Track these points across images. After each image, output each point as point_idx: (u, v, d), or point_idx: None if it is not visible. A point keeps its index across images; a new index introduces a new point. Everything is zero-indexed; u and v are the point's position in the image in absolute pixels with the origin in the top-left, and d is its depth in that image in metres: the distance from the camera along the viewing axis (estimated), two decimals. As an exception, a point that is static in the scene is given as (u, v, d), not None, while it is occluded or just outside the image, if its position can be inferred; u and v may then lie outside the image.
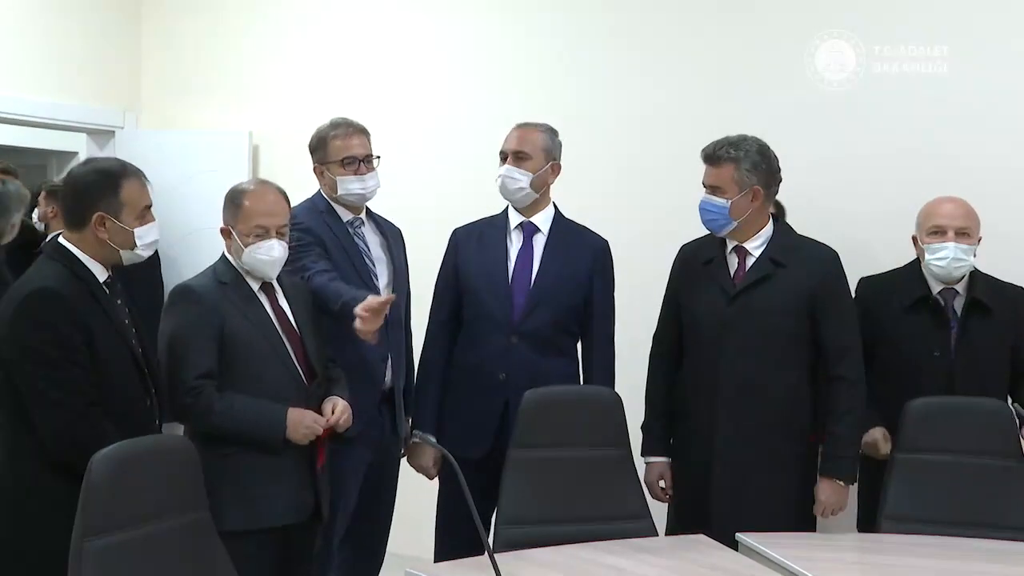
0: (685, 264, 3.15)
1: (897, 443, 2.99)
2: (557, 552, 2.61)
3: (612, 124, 4.34)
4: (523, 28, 4.58)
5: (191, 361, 2.67)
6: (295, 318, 2.86)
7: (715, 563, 2.56)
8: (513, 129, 3.23)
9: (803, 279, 2.97)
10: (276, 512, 2.73)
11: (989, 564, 2.57)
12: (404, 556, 3.18)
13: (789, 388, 2.98)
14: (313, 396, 2.82)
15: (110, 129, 5.38)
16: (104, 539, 2.08)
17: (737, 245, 3.03)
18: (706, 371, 2.99)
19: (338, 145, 3.15)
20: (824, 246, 3.07)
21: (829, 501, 2.97)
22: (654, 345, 3.22)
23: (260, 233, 2.76)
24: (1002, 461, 2.89)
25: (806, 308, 2.96)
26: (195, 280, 2.83)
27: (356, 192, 3.15)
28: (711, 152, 3.00)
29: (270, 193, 2.84)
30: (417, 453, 3.24)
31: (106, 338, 2.49)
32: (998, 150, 3.68)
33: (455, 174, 4.54)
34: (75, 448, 2.37)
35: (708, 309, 3.00)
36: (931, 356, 3.09)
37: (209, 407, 2.65)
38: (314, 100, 4.89)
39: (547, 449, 2.91)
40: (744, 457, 2.95)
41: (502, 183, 3.17)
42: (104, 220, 2.54)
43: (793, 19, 4.02)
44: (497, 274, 3.15)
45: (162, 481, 2.27)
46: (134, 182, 2.59)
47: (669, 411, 3.12)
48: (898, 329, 3.14)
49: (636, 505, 2.92)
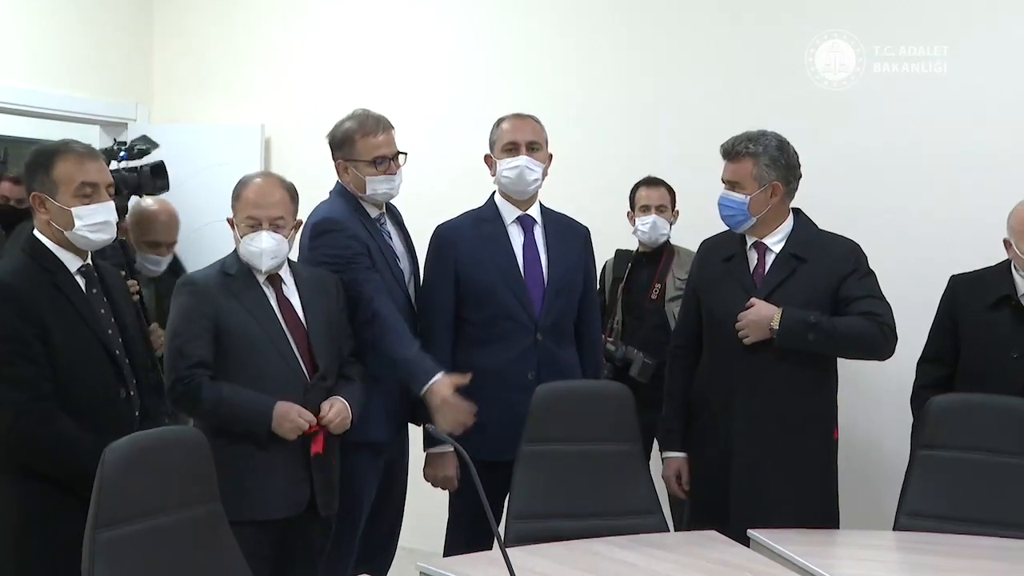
0: (705, 260, 3.12)
1: (918, 439, 2.97)
2: (568, 547, 2.60)
3: (612, 123, 4.34)
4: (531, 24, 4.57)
5: (184, 351, 2.68)
6: (305, 311, 2.83)
7: (726, 559, 2.55)
8: (516, 119, 3.14)
9: (825, 274, 2.93)
10: (268, 505, 2.71)
11: (1003, 563, 2.55)
12: (415, 550, 3.20)
13: (810, 385, 2.95)
14: (313, 391, 2.78)
15: (122, 122, 5.38)
16: (116, 530, 2.09)
17: (756, 241, 2.99)
18: (725, 368, 2.97)
19: (368, 144, 3.06)
20: (845, 239, 3.01)
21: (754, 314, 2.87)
22: (673, 339, 3.21)
23: (252, 224, 2.75)
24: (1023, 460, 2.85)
25: (829, 302, 2.92)
26: (199, 271, 2.85)
27: (385, 191, 3.09)
28: (730, 147, 2.97)
29: (268, 185, 2.82)
30: (438, 464, 3.11)
31: (68, 330, 2.44)
32: (998, 150, 3.66)
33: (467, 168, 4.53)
34: (22, 444, 2.38)
35: (729, 306, 2.96)
36: (1009, 357, 3.04)
37: (197, 395, 2.66)
38: (326, 92, 4.89)
39: (559, 444, 2.91)
40: (763, 454, 2.91)
41: (519, 175, 3.08)
42: (42, 200, 2.48)
43: (793, 19, 4.01)
44: (511, 272, 3.10)
45: (174, 473, 2.27)
46: (69, 158, 2.49)
47: (687, 406, 3.10)
48: (979, 327, 3.11)
49: (647, 500, 2.92)
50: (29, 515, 2.43)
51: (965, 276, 3.26)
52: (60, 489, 2.41)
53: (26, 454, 2.41)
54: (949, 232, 3.69)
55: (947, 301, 3.24)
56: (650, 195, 3.81)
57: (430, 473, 3.14)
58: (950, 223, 3.70)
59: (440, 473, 3.11)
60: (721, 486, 2.95)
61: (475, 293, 3.10)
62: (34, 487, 2.42)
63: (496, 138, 3.14)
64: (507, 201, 3.16)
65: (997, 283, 3.11)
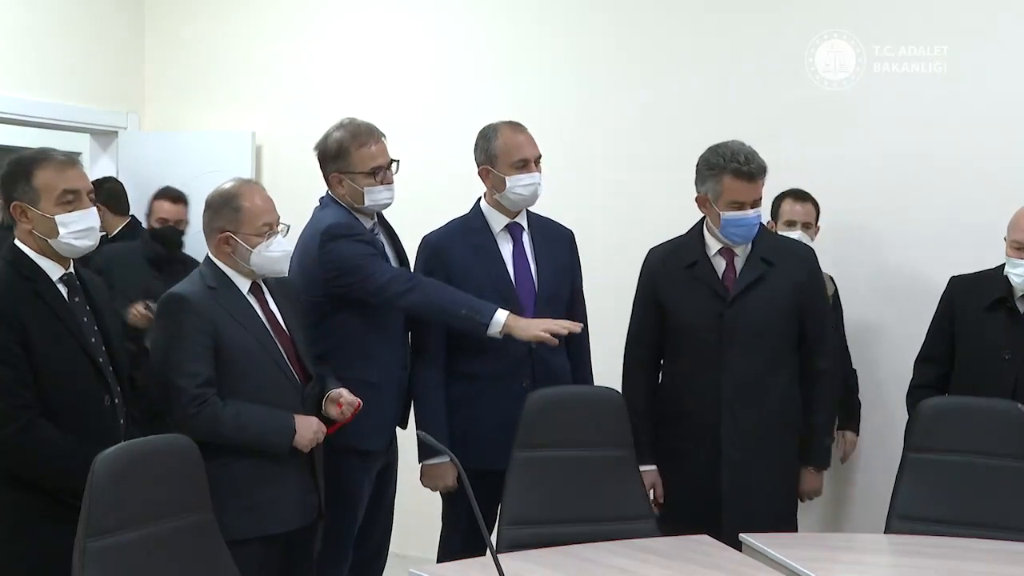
0: (663, 268, 3.11)
1: (909, 442, 2.99)
2: (561, 552, 2.60)
3: (612, 125, 4.34)
4: (526, 30, 4.57)
5: (190, 370, 2.60)
6: (284, 318, 2.82)
7: (719, 563, 2.55)
8: (520, 133, 3.10)
9: (792, 276, 3.02)
10: (281, 517, 2.71)
11: (994, 565, 2.56)
12: (408, 556, 3.19)
13: (784, 385, 3.02)
14: (309, 398, 2.79)
15: (113, 130, 5.38)
16: (107, 540, 2.09)
17: (723, 247, 3.03)
18: (706, 373, 2.98)
19: (364, 155, 3.02)
20: (800, 243, 3.12)
21: (811, 488, 3.09)
22: (632, 349, 3.17)
23: (267, 231, 2.73)
24: (1014, 462, 2.87)
25: (795, 305, 3.01)
26: (184, 287, 2.74)
27: (384, 200, 3.07)
28: (757, 167, 2.94)
29: (261, 189, 2.82)
30: (435, 474, 3.07)
31: (51, 339, 2.43)
32: (998, 150, 3.67)
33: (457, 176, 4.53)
34: (4, 451, 2.36)
35: (703, 312, 2.99)
36: (1002, 358, 3.06)
37: (215, 416, 2.59)
38: (317, 100, 4.90)
39: (551, 449, 2.90)
40: (750, 457, 2.95)
41: (534, 192, 3.06)
42: (24, 210, 2.48)
43: (793, 19, 4.02)
44: (502, 281, 3.09)
45: (165, 482, 2.27)
46: (49, 167, 2.48)
47: (654, 417, 3.11)
48: (974, 328, 3.14)
49: (640, 505, 2.92)
50: (15, 523, 2.42)
51: (964, 278, 3.29)
52: (47, 497, 2.40)
53: (9, 461, 2.40)
54: (949, 233, 3.70)
55: (945, 302, 3.27)
56: (796, 210, 3.65)
57: (428, 484, 3.12)
58: (950, 224, 3.71)
59: (440, 483, 3.08)
60: (710, 491, 2.96)
61: None
62: (20, 495, 2.41)
63: (499, 152, 3.07)
64: (495, 210, 3.15)
65: (993, 285, 3.14)
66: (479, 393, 3.06)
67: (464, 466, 2.18)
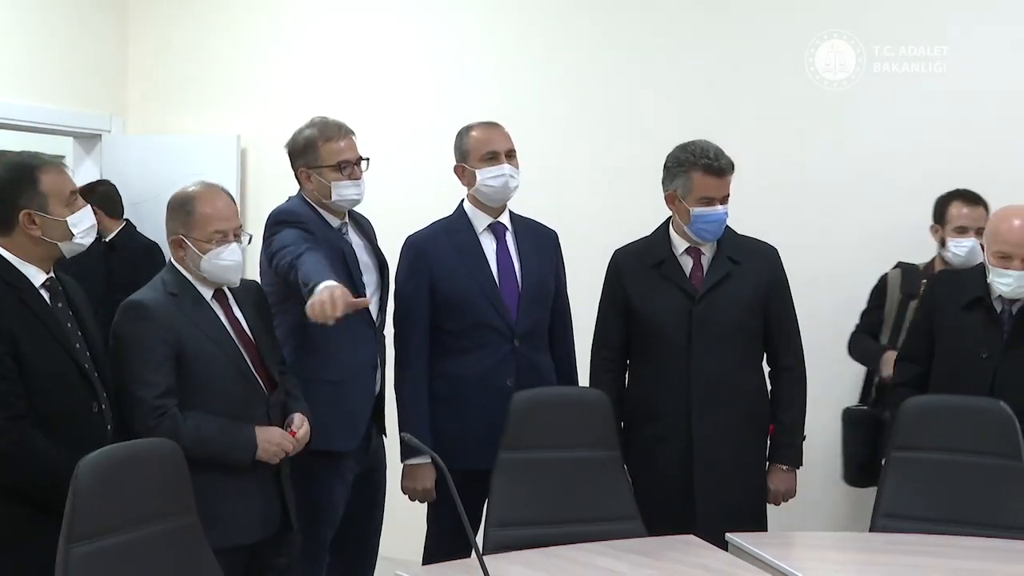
0: (630, 268, 3.12)
1: (893, 441, 2.99)
2: (547, 554, 2.60)
3: (610, 125, 4.33)
4: (511, 30, 4.58)
5: (149, 380, 2.54)
6: (248, 324, 2.77)
7: (706, 563, 2.55)
8: (490, 128, 3.12)
9: (758, 275, 3.04)
10: (244, 529, 2.66)
11: (980, 562, 2.57)
12: (394, 559, 3.18)
13: (753, 383, 3.06)
14: (275, 406, 2.75)
15: (96, 133, 5.36)
16: (91, 545, 2.08)
17: (690, 246, 3.05)
18: (676, 373, 3.00)
19: (331, 149, 3.02)
20: (765, 243, 3.13)
21: (782, 488, 3.08)
22: (599, 351, 3.17)
23: (219, 238, 2.66)
24: (998, 460, 2.87)
25: (762, 303, 3.04)
26: (145, 294, 2.67)
27: (352, 196, 3.05)
28: (727, 163, 2.97)
29: (221, 195, 2.74)
30: (416, 476, 3.06)
31: (37, 344, 2.41)
32: (998, 150, 3.69)
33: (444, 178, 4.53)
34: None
35: (672, 311, 3.01)
36: (979, 357, 3.06)
37: (175, 430, 2.51)
38: (302, 103, 4.85)
39: (536, 451, 2.90)
40: (722, 456, 2.98)
41: (504, 183, 3.07)
42: (32, 217, 2.45)
43: (793, 18, 4.03)
44: (486, 280, 3.09)
45: (149, 486, 2.25)
46: (51, 170, 2.48)
47: (622, 418, 3.10)
48: (954, 326, 3.13)
49: (626, 506, 2.91)
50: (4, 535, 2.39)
51: (943, 276, 3.31)
52: (37, 509, 2.38)
53: (2, 473, 2.37)
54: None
55: (925, 300, 3.28)
56: (968, 214, 3.46)
57: (408, 486, 3.10)
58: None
59: (419, 485, 3.07)
60: (684, 491, 2.97)
61: (451, 304, 3.08)
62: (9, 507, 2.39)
63: (470, 147, 3.10)
64: (478, 209, 3.15)
65: (972, 283, 3.14)
66: (463, 393, 3.06)
67: (449, 467, 2.17)
